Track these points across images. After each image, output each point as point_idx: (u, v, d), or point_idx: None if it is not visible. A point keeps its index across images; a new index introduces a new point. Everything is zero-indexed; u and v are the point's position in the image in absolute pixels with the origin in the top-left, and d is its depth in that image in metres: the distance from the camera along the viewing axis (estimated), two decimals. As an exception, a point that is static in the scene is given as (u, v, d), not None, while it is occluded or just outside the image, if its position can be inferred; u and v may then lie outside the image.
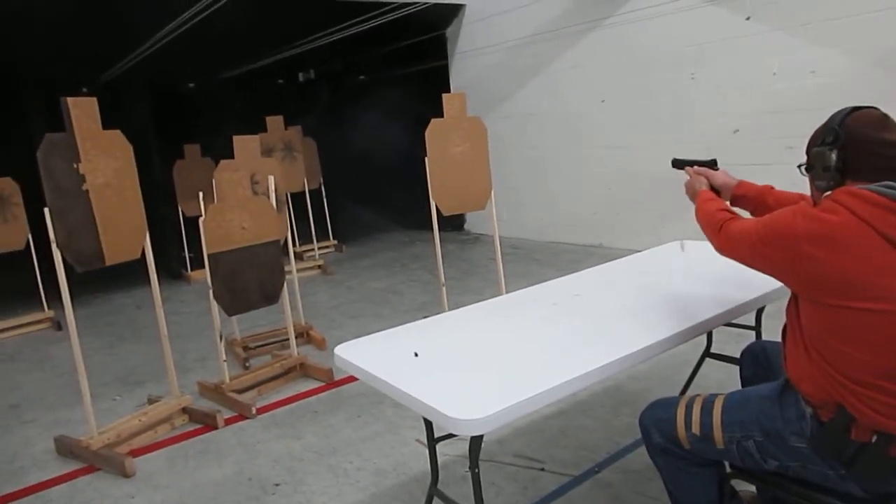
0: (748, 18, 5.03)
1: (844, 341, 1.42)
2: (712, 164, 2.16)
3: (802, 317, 1.53)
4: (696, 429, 1.67)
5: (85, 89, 6.96)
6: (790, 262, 1.45)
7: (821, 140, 1.52)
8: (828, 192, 1.49)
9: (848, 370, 1.43)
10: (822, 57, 4.67)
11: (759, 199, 2.00)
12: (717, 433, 1.64)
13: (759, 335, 2.68)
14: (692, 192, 2.09)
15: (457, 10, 7.76)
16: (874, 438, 1.43)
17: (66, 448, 3.15)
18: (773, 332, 2.55)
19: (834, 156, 1.47)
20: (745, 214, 1.87)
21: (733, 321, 2.17)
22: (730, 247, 1.67)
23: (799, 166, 1.64)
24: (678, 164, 2.28)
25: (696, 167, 2.16)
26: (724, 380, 3.08)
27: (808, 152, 1.60)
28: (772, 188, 2.01)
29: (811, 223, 1.41)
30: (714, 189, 2.05)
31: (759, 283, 2.03)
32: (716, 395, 1.72)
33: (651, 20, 5.73)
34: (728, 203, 1.97)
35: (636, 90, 6.05)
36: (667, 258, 2.82)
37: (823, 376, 1.47)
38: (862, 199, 1.38)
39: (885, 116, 1.49)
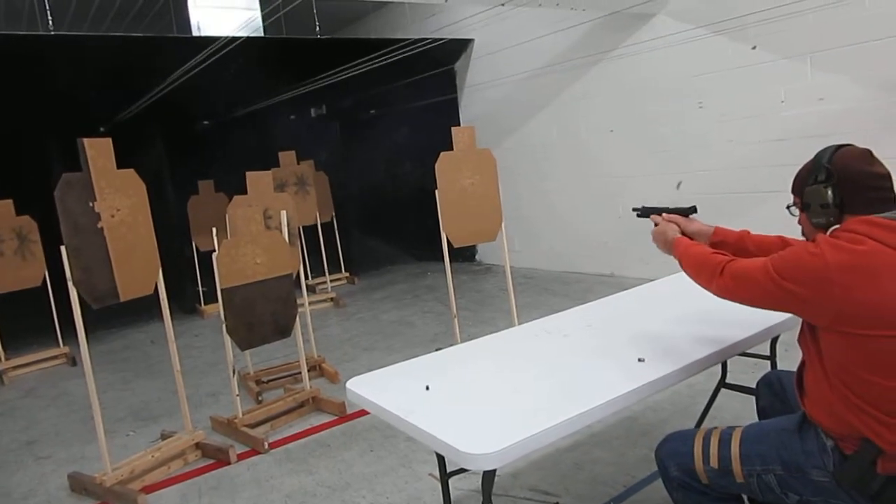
0: (754, 48, 5.07)
1: (876, 372, 1.40)
2: (691, 211, 2.08)
3: (825, 351, 1.50)
4: (714, 462, 1.65)
5: (102, 129, 7.10)
6: (820, 295, 1.42)
7: (813, 179, 1.54)
8: (833, 227, 1.50)
9: (879, 402, 1.41)
10: (829, 84, 4.68)
11: (738, 245, 1.97)
12: (736, 466, 1.62)
13: (773, 364, 2.65)
14: (663, 240, 2.02)
15: (465, 45, 7.89)
16: None
17: (79, 485, 3.15)
18: (788, 360, 2.52)
19: (830, 193, 1.49)
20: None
21: (748, 351, 2.15)
22: (736, 288, 1.62)
23: (788, 206, 1.66)
24: (647, 212, 2.17)
25: (665, 214, 2.09)
26: (740, 410, 3.03)
27: (796, 192, 1.62)
28: (748, 232, 1.99)
29: (841, 254, 1.40)
30: (687, 237, 2.00)
31: (772, 312, 2.01)
32: (733, 428, 1.70)
33: (657, 51, 5.79)
34: None
35: (644, 120, 6.09)
36: (678, 287, 2.80)
37: (850, 410, 1.45)
38: (881, 227, 1.40)
39: (870, 151, 1.53)
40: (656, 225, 2.10)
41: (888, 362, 1.38)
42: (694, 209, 2.10)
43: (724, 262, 1.67)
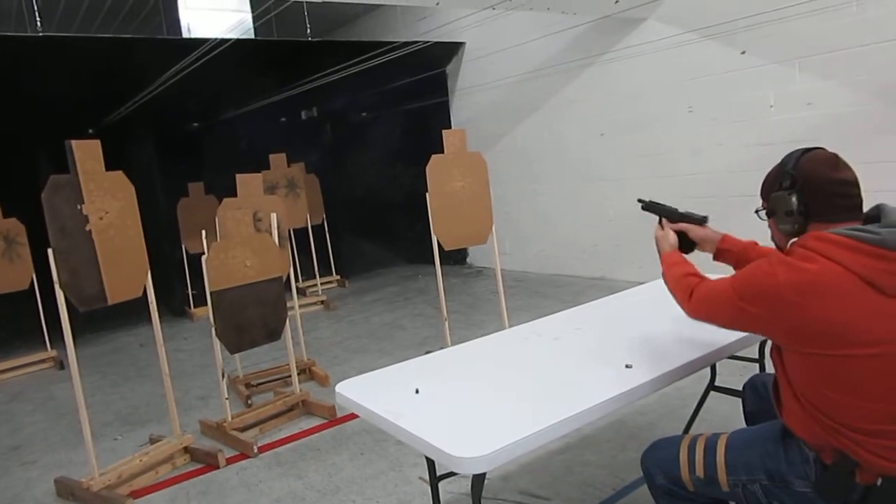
0: (743, 53, 5.11)
1: (836, 389, 1.40)
2: (703, 221, 2.01)
3: (789, 368, 1.51)
4: (699, 471, 1.65)
5: (90, 130, 7.06)
6: (775, 315, 1.42)
7: (777, 185, 1.53)
8: (794, 237, 1.50)
9: (843, 418, 1.41)
10: (817, 89, 4.72)
11: (742, 255, 1.94)
12: (722, 475, 1.62)
13: (762, 367, 2.66)
14: (658, 248, 2.02)
15: (456, 48, 7.90)
16: (879, 481, 1.40)
17: (66, 490, 3.12)
18: (777, 363, 2.54)
19: (794, 199, 1.48)
20: (729, 269, 1.80)
21: (737, 354, 2.16)
22: (704, 310, 1.63)
23: (756, 211, 1.65)
24: (652, 207, 2.13)
25: (681, 223, 2.02)
26: (729, 413, 3.04)
27: (764, 197, 1.61)
28: (756, 244, 1.96)
29: (792, 273, 1.39)
30: (692, 241, 1.98)
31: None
32: (719, 435, 1.69)
33: (648, 55, 5.81)
34: (712, 257, 1.96)
35: (634, 123, 6.11)
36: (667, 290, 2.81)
37: (819, 425, 1.45)
38: (834, 243, 1.38)
39: (836, 156, 1.51)
40: (662, 229, 2.07)
41: (847, 380, 1.38)
42: (706, 219, 2.03)
43: (692, 286, 1.67)
